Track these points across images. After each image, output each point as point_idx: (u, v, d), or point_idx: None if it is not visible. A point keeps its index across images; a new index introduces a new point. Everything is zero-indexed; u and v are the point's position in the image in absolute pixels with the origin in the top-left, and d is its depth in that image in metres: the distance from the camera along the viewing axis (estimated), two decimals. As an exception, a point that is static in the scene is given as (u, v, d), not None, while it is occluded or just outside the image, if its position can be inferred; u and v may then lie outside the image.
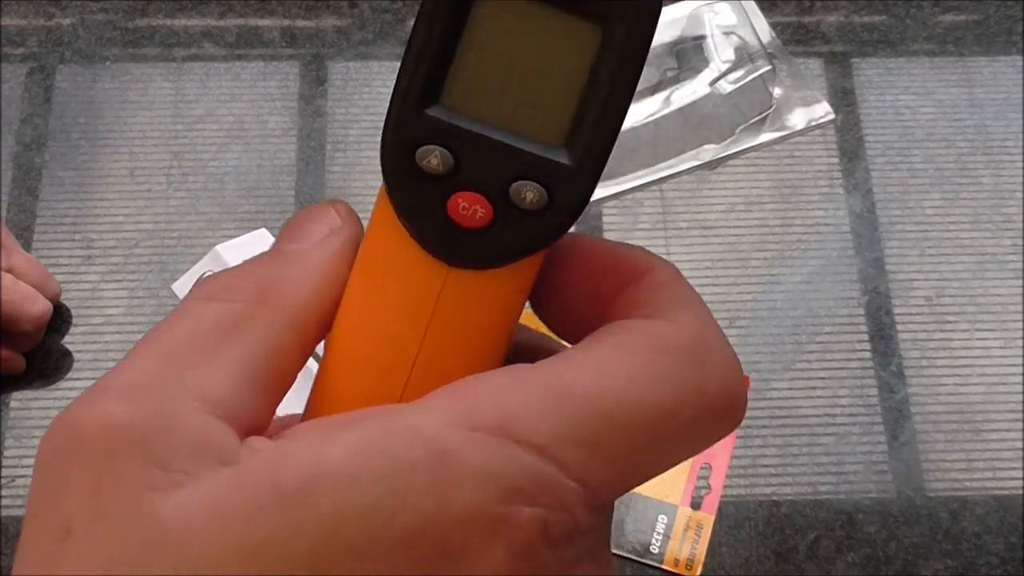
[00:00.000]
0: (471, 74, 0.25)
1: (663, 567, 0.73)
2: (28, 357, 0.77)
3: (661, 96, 0.86)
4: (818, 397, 0.78)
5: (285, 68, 0.90)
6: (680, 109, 0.86)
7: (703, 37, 0.88)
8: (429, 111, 0.25)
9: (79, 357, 0.79)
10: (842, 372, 0.79)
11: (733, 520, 0.74)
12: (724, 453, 0.76)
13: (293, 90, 0.89)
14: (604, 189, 0.83)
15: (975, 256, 0.84)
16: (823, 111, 0.88)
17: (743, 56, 0.88)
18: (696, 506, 0.74)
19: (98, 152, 0.86)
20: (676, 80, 0.87)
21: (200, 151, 0.87)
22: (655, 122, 0.85)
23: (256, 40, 0.92)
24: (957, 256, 0.84)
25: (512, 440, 0.23)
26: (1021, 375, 0.79)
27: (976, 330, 0.81)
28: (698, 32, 0.89)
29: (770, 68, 0.87)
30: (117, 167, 0.86)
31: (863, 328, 0.81)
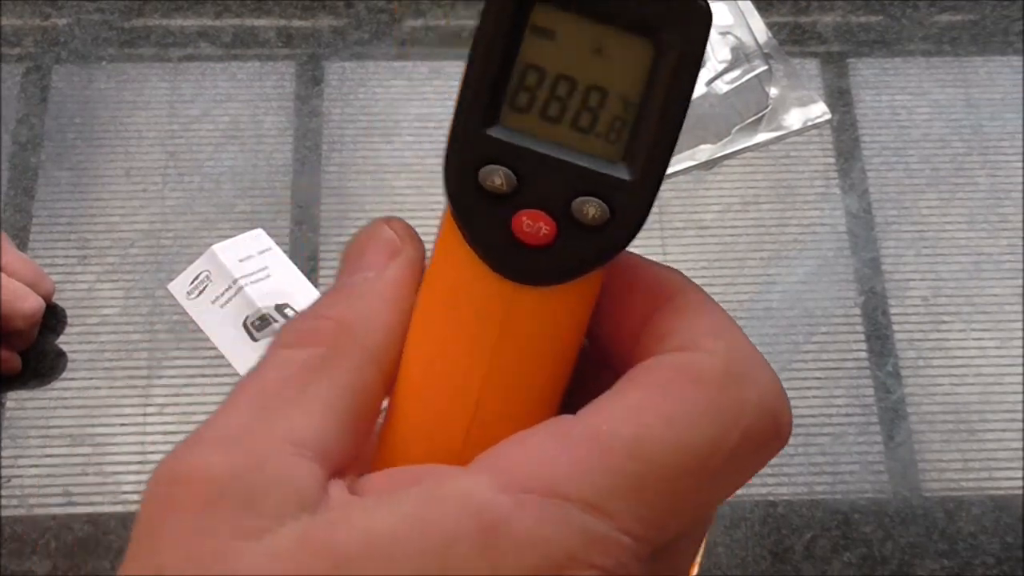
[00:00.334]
0: (528, 93, 0.26)
1: (659, 567, 0.73)
2: (24, 357, 0.77)
3: (657, 96, 0.86)
4: (814, 397, 0.78)
5: (281, 68, 0.90)
6: (676, 109, 0.85)
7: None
8: (490, 131, 0.26)
9: (75, 357, 0.78)
10: (838, 372, 0.79)
11: (729, 520, 0.74)
12: (720, 453, 0.76)
13: (289, 90, 0.89)
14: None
15: (971, 256, 0.84)
16: (819, 111, 0.88)
17: (739, 56, 0.88)
18: (692, 506, 0.74)
19: (94, 152, 0.86)
20: (672, 80, 0.87)
21: (196, 151, 0.87)
22: (651, 122, 0.85)
23: (252, 40, 0.92)
24: (953, 256, 0.84)
25: (561, 499, 0.23)
26: (1017, 375, 0.79)
27: (972, 330, 0.81)
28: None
29: (766, 68, 0.87)
30: (113, 167, 0.86)
31: (859, 328, 0.81)
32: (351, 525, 0.23)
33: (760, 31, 0.90)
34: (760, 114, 0.87)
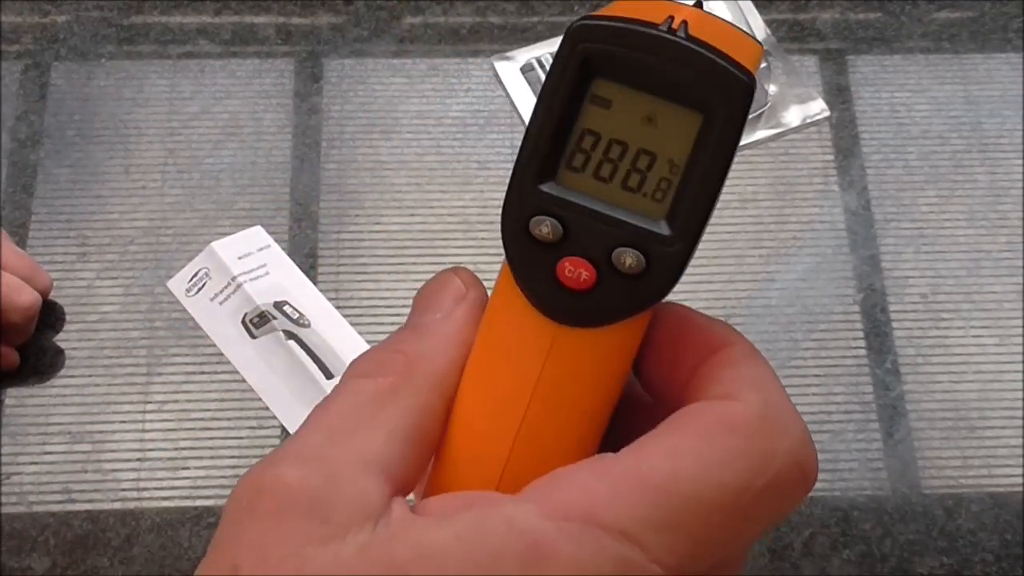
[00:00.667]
0: (584, 155, 0.29)
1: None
2: (23, 354, 0.77)
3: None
4: (813, 395, 0.78)
5: (280, 65, 0.90)
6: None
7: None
8: (543, 187, 0.29)
9: (74, 355, 0.78)
10: (837, 369, 0.79)
11: (728, 517, 0.74)
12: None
13: (288, 87, 0.89)
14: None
15: (971, 253, 0.84)
16: (818, 108, 0.88)
17: (739, 53, 0.88)
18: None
19: (93, 149, 0.86)
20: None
21: (195, 148, 0.87)
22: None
23: (251, 37, 0.92)
24: (952, 253, 0.84)
25: (599, 527, 0.26)
26: (1016, 372, 0.79)
27: (972, 327, 0.81)
28: (694, 29, 0.89)
29: (765, 65, 0.87)
30: (112, 164, 0.86)
31: (858, 325, 0.81)
32: (407, 539, 0.26)
33: (759, 28, 0.90)
34: (759, 111, 0.87)
